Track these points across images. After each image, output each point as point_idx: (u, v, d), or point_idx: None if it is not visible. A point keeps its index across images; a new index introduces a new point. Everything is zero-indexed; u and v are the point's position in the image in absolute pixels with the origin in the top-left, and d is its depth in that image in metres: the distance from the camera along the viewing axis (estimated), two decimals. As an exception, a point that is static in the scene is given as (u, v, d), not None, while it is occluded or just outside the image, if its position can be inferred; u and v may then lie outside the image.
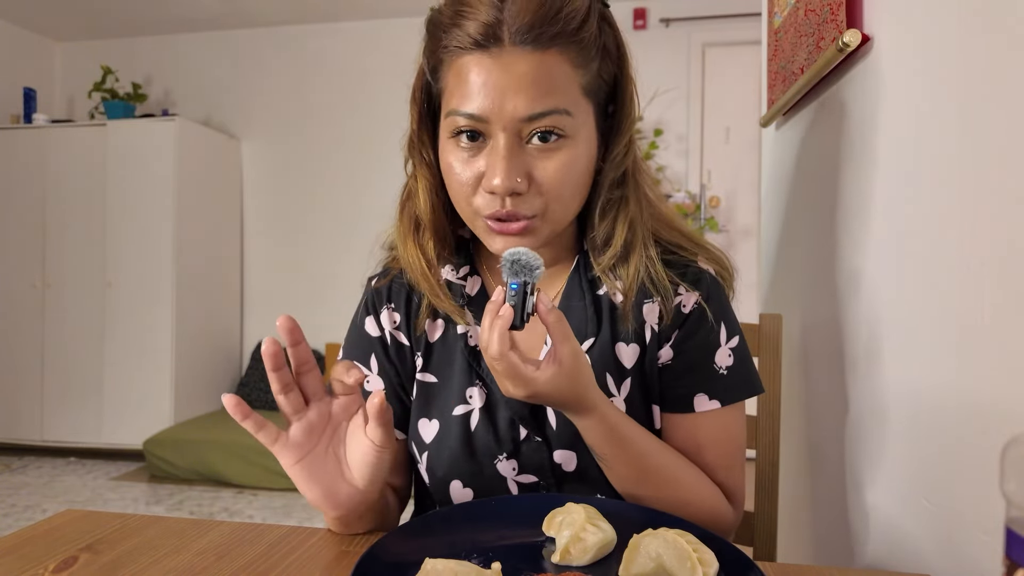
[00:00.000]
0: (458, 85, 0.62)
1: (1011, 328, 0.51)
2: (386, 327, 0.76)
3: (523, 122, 0.61)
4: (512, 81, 0.60)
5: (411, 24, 4.30)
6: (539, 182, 0.62)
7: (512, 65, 0.60)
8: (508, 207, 0.62)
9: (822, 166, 0.95)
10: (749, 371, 0.72)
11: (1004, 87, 0.53)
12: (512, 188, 0.61)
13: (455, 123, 0.63)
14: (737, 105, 3.61)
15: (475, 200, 0.64)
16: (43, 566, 0.55)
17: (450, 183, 0.66)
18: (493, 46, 0.60)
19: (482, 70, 0.60)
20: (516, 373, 0.57)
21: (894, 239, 0.72)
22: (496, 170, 0.61)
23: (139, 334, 3.56)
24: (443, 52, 0.64)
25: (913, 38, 0.69)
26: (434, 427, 0.72)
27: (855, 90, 0.83)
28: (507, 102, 0.60)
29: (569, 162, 0.63)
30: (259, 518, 2.79)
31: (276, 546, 0.59)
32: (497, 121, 0.61)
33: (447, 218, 0.73)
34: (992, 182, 0.54)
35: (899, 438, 0.70)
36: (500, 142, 0.61)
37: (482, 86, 0.60)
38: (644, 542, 0.50)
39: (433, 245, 0.72)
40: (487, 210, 0.63)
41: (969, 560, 0.56)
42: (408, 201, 0.74)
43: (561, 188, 0.63)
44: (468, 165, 0.63)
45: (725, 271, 0.75)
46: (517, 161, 0.61)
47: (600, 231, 0.70)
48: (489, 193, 0.63)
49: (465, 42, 0.61)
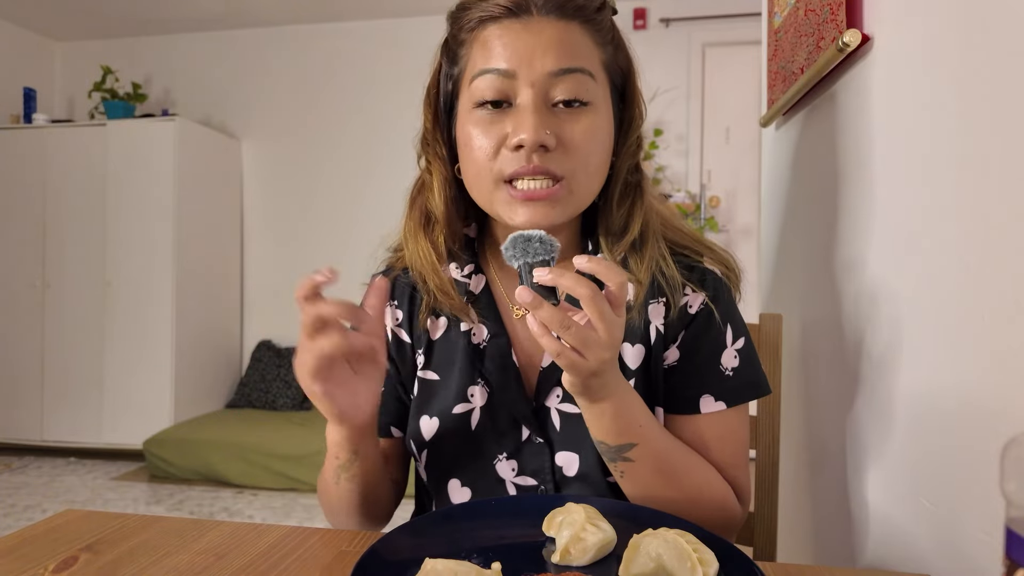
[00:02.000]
0: (484, 50, 0.64)
1: (1011, 328, 0.51)
2: (388, 324, 0.76)
3: (552, 77, 0.62)
4: (541, 41, 0.63)
5: (412, 24, 4.27)
6: (567, 142, 0.63)
7: (540, 30, 0.63)
8: (535, 162, 0.62)
9: (822, 166, 0.95)
10: (755, 372, 0.71)
11: (1004, 87, 0.53)
12: (541, 140, 0.61)
13: (479, 88, 0.64)
14: (737, 105, 3.61)
15: (497, 163, 0.64)
16: (43, 566, 0.55)
17: (469, 152, 0.65)
18: (522, 14, 0.63)
19: (509, 32, 0.63)
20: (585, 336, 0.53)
21: (894, 239, 0.72)
22: (524, 124, 0.61)
23: (139, 334, 3.56)
24: (467, 29, 0.66)
25: (913, 38, 0.69)
26: (434, 424, 0.72)
27: (855, 90, 0.83)
28: (535, 59, 0.62)
29: (595, 127, 0.64)
30: (259, 518, 2.79)
31: (276, 546, 0.59)
32: (525, 77, 0.62)
33: (458, 215, 0.73)
34: (992, 182, 0.54)
35: (899, 438, 0.70)
36: (527, 98, 0.62)
37: (511, 44, 0.63)
38: (644, 542, 0.50)
39: (444, 240, 0.72)
40: (511, 167, 0.63)
41: (969, 560, 0.56)
42: (419, 195, 0.74)
43: (588, 151, 0.64)
44: (491, 128, 0.64)
45: (731, 272, 0.74)
46: (546, 117, 0.62)
47: (617, 217, 0.70)
48: (515, 150, 0.62)
49: (494, 11, 0.64)
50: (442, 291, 0.72)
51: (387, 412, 0.77)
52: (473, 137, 0.64)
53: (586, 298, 0.52)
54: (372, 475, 0.69)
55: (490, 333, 0.72)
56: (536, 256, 0.54)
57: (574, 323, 0.52)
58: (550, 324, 0.52)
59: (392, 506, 0.77)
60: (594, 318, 0.52)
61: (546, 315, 0.52)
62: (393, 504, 0.77)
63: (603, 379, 0.56)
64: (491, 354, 0.72)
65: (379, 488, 0.72)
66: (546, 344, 0.53)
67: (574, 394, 0.59)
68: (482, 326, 0.73)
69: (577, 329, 0.52)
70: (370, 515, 0.72)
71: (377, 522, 0.74)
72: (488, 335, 0.72)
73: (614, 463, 0.63)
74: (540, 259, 0.54)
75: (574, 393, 0.58)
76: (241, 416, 3.66)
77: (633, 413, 0.61)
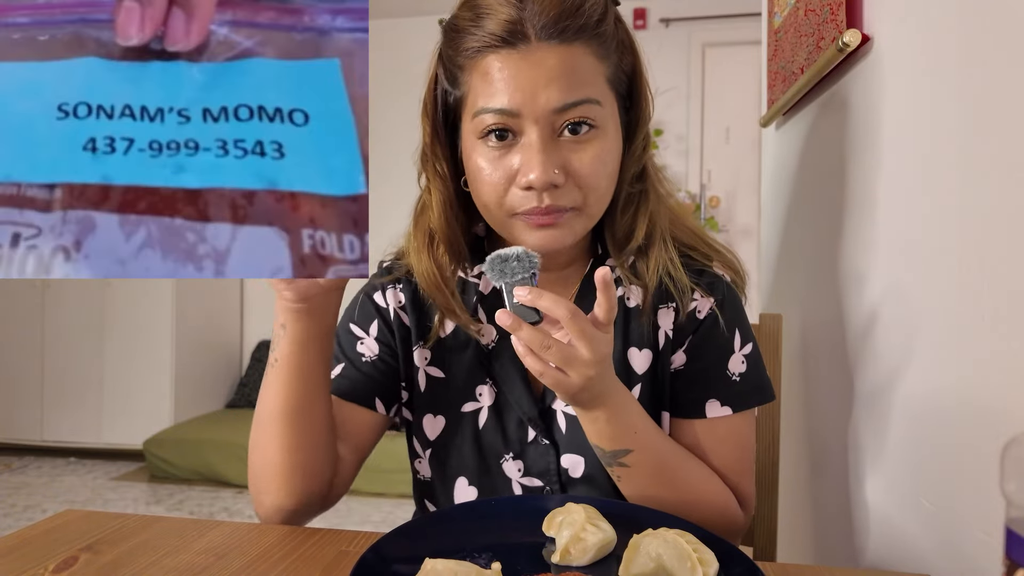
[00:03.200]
0: (485, 84, 0.61)
1: (1011, 328, 0.51)
2: (391, 303, 0.75)
3: (556, 113, 0.60)
4: (542, 74, 0.59)
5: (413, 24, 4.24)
6: (576, 173, 0.62)
7: (541, 60, 0.60)
8: (547, 201, 0.61)
9: (822, 166, 0.95)
10: (761, 378, 0.71)
11: (1004, 87, 0.53)
12: (550, 181, 0.60)
13: (483, 122, 0.62)
14: (737, 105, 3.61)
15: (507, 199, 0.63)
16: (43, 566, 0.55)
17: (479, 186, 0.64)
18: (520, 42, 0.60)
19: (510, 65, 0.60)
20: (591, 334, 0.53)
21: (894, 239, 0.72)
22: (532, 164, 0.60)
23: (139, 334, 3.56)
24: (465, 55, 0.63)
25: (913, 38, 0.69)
26: (440, 423, 0.72)
27: (855, 90, 0.83)
28: (539, 94, 0.59)
29: (603, 152, 0.63)
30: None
31: (276, 546, 0.59)
32: (529, 114, 0.60)
33: (461, 229, 0.72)
34: (992, 182, 0.54)
35: (899, 438, 0.70)
36: (533, 136, 0.60)
37: (512, 80, 0.60)
38: (644, 542, 0.50)
39: (448, 259, 0.71)
40: (524, 207, 0.62)
41: (969, 560, 0.56)
42: (422, 215, 0.73)
43: (598, 179, 0.63)
44: (499, 164, 0.62)
45: (739, 277, 0.74)
46: (552, 154, 0.61)
47: (621, 224, 0.69)
48: (525, 189, 0.61)
49: (490, 40, 0.60)
50: (448, 309, 0.71)
51: (370, 380, 0.73)
52: (483, 171, 0.63)
53: (565, 319, 0.53)
54: (306, 371, 0.63)
55: (499, 334, 0.72)
56: (515, 275, 0.55)
57: (555, 342, 0.53)
58: (531, 344, 0.53)
59: (326, 474, 0.68)
60: (575, 337, 0.53)
61: (526, 336, 0.53)
62: (327, 473, 0.68)
63: (592, 392, 0.57)
64: (499, 355, 0.71)
65: (314, 409, 0.64)
66: (530, 364, 0.54)
67: (566, 403, 0.59)
68: (491, 327, 0.73)
69: (558, 348, 0.53)
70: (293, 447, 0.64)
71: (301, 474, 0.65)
72: (496, 336, 0.72)
73: (611, 467, 0.63)
74: (519, 278, 0.55)
75: (566, 402, 0.58)
76: (241, 416, 3.66)
77: (629, 419, 0.60)
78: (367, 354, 0.74)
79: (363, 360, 0.74)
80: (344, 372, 0.73)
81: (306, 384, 0.63)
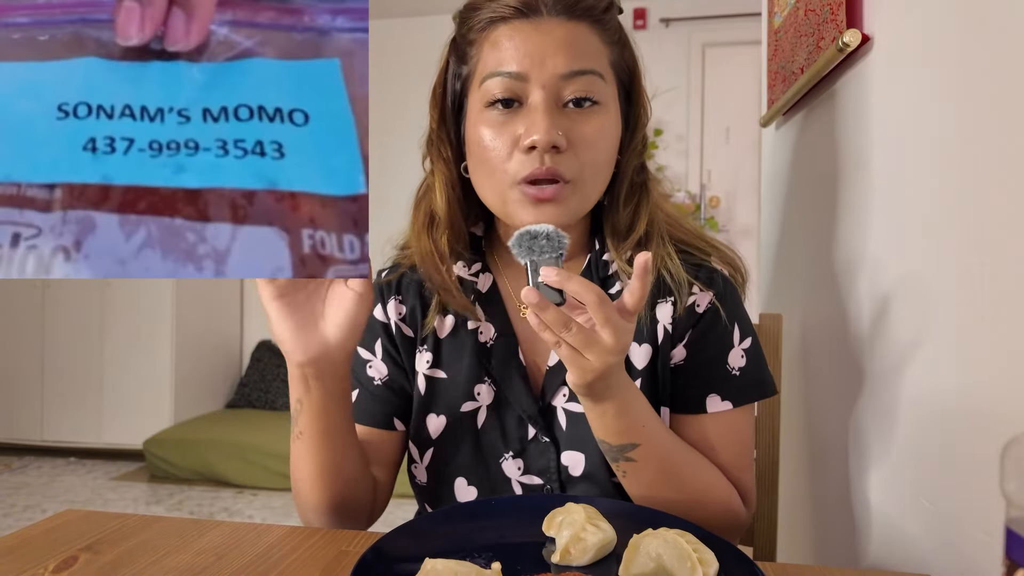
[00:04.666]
0: (495, 51, 0.65)
1: (1011, 328, 0.51)
2: (392, 317, 0.76)
3: (562, 79, 0.63)
4: (551, 43, 0.63)
5: (413, 24, 4.25)
6: (577, 143, 0.64)
7: (550, 30, 0.64)
8: (548, 164, 0.62)
9: (822, 166, 0.95)
10: (762, 372, 0.71)
11: (1004, 86, 0.53)
12: (552, 141, 0.62)
13: (490, 89, 0.64)
14: (737, 105, 3.61)
15: (510, 165, 0.64)
16: (43, 566, 0.55)
17: (482, 153, 0.66)
18: (532, 14, 0.64)
19: (520, 33, 0.64)
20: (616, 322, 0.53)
21: (893, 239, 0.72)
22: (537, 126, 0.62)
23: (139, 334, 3.55)
24: (476, 29, 0.67)
25: (913, 38, 0.69)
26: (440, 422, 0.72)
27: (855, 90, 0.83)
28: (547, 60, 0.63)
29: (604, 127, 0.65)
30: (259, 518, 2.79)
31: (276, 546, 0.59)
32: (537, 79, 0.63)
33: (462, 215, 0.73)
34: (992, 182, 0.54)
35: (899, 438, 0.70)
36: (538, 99, 0.63)
37: (521, 45, 0.64)
38: (644, 542, 0.50)
39: (447, 241, 0.72)
40: (525, 170, 0.63)
41: (969, 560, 0.56)
42: (424, 197, 0.75)
43: (597, 151, 0.65)
44: (503, 130, 0.64)
45: (738, 273, 0.75)
46: (557, 118, 0.63)
47: (623, 216, 0.71)
48: (528, 152, 0.63)
49: (504, 11, 0.65)
50: (444, 288, 0.72)
51: (386, 402, 0.75)
52: (485, 138, 0.65)
53: (592, 304, 0.52)
54: (332, 436, 0.64)
55: (497, 332, 0.73)
56: (543, 253, 0.54)
57: (576, 324, 0.53)
58: (552, 325, 0.53)
59: (367, 503, 0.71)
60: (600, 324, 0.53)
61: (551, 318, 0.52)
62: (368, 501, 0.71)
63: (608, 381, 0.56)
64: (498, 353, 0.72)
65: (345, 463, 0.66)
66: (547, 338, 0.54)
67: (578, 393, 0.59)
68: (489, 325, 0.73)
69: (578, 330, 0.53)
70: (335, 497, 0.66)
71: (346, 514, 0.68)
72: (495, 334, 0.73)
73: (616, 462, 0.63)
74: (547, 256, 0.54)
75: (578, 392, 0.58)
76: (241, 416, 3.66)
77: (636, 413, 0.61)
78: (377, 377, 0.76)
79: (375, 384, 0.76)
80: (359, 398, 0.75)
81: (334, 446, 0.65)
